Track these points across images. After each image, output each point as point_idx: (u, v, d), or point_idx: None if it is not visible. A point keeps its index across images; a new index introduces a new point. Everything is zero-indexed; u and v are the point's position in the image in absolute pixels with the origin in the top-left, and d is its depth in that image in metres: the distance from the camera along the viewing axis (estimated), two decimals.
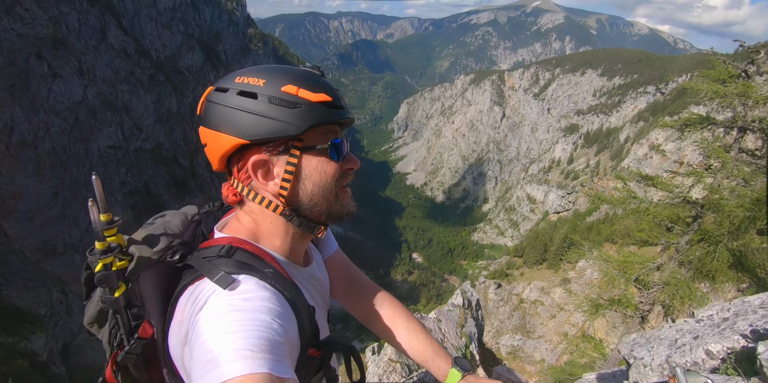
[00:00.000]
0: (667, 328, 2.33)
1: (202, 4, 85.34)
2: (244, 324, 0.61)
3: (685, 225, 7.34)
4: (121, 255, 0.79)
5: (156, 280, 0.80)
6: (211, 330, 0.61)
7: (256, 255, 0.83)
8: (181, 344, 0.71)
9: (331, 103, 0.82)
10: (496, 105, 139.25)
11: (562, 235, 39.21)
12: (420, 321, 1.17)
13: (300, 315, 0.78)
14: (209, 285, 0.71)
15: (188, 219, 0.94)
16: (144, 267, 0.79)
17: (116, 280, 0.78)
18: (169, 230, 0.87)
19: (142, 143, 50.71)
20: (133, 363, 0.80)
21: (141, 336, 0.78)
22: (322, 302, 1.00)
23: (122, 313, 0.80)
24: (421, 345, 1.10)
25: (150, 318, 0.79)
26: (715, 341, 1.84)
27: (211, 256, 0.79)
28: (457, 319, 8.32)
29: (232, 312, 0.64)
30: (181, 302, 0.75)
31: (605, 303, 8.76)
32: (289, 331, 0.69)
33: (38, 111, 35.92)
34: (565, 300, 29.13)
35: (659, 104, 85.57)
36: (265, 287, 0.73)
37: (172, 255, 0.81)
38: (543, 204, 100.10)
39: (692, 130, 6.49)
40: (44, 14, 40.18)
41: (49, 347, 14.38)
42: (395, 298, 1.21)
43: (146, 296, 0.80)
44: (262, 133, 0.80)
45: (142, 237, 0.83)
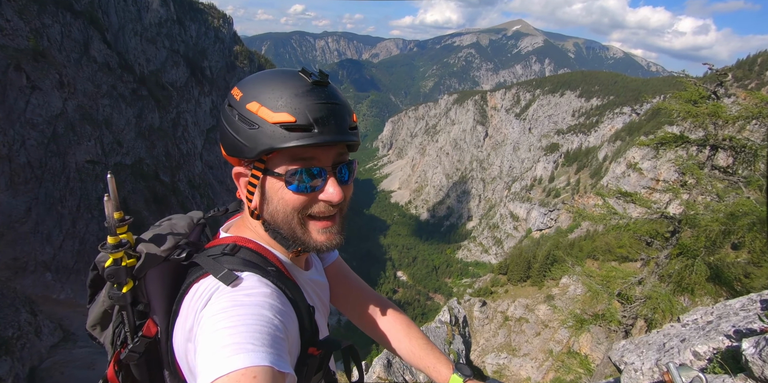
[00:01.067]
0: (655, 333, 2.40)
1: (189, 21, 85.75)
2: (247, 319, 0.63)
3: (664, 240, 7.54)
4: (130, 252, 0.81)
5: (162, 278, 0.81)
6: (215, 325, 0.62)
7: (259, 254, 0.84)
8: (185, 340, 0.72)
9: (294, 125, 0.74)
10: (479, 124, 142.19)
11: (545, 252, 39.63)
12: (420, 329, 1.18)
13: (300, 313, 0.79)
14: (213, 282, 0.73)
15: (194, 222, 0.95)
16: (151, 265, 0.81)
17: (125, 276, 0.79)
18: (176, 230, 0.89)
19: (122, 158, 49.73)
20: (136, 363, 0.80)
21: (145, 334, 0.78)
22: (321, 306, 1.01)
23: (128, 310, 0.80)
24: (422, 351, 1.10)
25: (155, 317, 0.79)
26: (702, 342, 1.91)
27: (216, 254, 0.81)
28: (445, 336, 8.26)
29: (235, 307, 0.65)
30: (186, 299, 0.76)
31: (589, 318, 8.84)
32: (289, 328, 0.70)
33: (14, 123, 35.05)
34: (550, 317, 29.20)
35: (635, 124, 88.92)
36: (267, 284, 0.75)
37: (179, 253, 0.83)
38: (526, 222, 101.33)
39: (667, 148, 6.76)
40: (25, 26, 39.82)
41: (15, 371, 13.63)
42: (396, 305, 1.22)
43: (152, 294, 0.80)
44: (229, 151, 0.81)
45: (150, 236, 0.85)
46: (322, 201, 0.81)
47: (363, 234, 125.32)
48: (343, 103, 0.82)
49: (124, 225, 0.81)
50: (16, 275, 28.41)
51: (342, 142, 0.78)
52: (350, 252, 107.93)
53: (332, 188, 0.81)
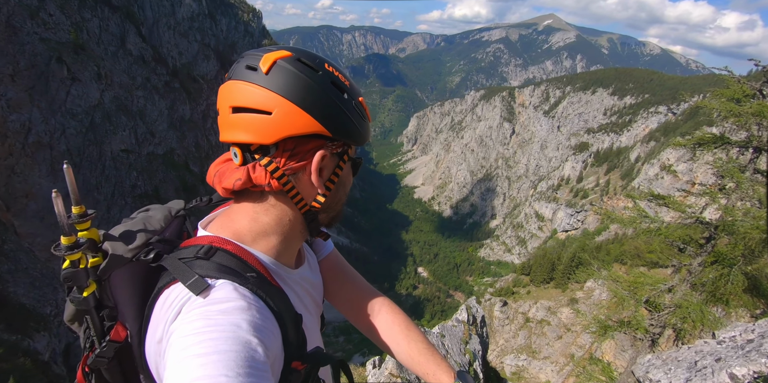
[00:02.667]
0: (686, 350, 2.22)
1: (220, 15, 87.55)
2: (220, 344, 0.56)
3: (698, 247, 7.18)
4: (93, 251, 0.73)
5: (130, 280, 0.73)
6: (185, 351, 0.56)
7: (238, 257, 0.75)
8: (156, 353, 0.66)
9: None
10: (505, 121, 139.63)
11: (570, 254, 38.70)
12: (421, 330, 1.08)
13: (284, 324, 0.71)
14: (183, 291, 0.66)
15: (171, 215, 0.87)
16: (116, 266, 0.73)
17: (85, 278, 0.72)
18: (150, 226, 0.81)
19: (155, 148, 51.49)
20: (106, 367, 0.74)
21: (113, 338, 0.72)
22: (313, 306, 0.94)
23: (92, 314, 0.73)
24: (421, 356, 0.99)
25: (124, 321, 0.73)
26: (740, 364, 1.73)
27: (188, 257, 0.72)
28: (462, 335, 8.16)
29: (207, 328, 0.58)
30: (156, 306, 0.69)
31: (614, 324, 8.54)
32: (271, 345, 0.64)
33: (56, 113, 36.79)
34: (573, 320, 28.54)
35: (671, 124, 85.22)
36: (244, 295, 0.66)
37: (146, 253, 0.74)
38: (551, 222, 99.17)
39: (705, 149, 6.39)
40: (67, 20, 41.57)
41: (51, 346, 14.40)
42: (394, 304, 1.11)
43: (119, 297, 0.73)
44: (343, 132, 0.77)
45: (120, 232, 0.77)
46: None
47: (385, 229, 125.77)
48: None
49: (85, 221, 0.73)
50: (54, 256, 29.77)
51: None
52: (372, 246, 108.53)
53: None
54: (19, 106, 33.57)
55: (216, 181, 0.79)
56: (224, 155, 0.84)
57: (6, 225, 24.62)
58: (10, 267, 17.52)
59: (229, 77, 0.76)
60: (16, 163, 32.01)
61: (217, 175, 0.79)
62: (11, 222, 26.77)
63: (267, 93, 0.71)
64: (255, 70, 0.73)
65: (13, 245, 19.62)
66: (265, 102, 0.71)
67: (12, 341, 13.02)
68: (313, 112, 0.72)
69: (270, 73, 0.72)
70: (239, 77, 0.74)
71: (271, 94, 0.71)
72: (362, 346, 44.51)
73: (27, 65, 35.07)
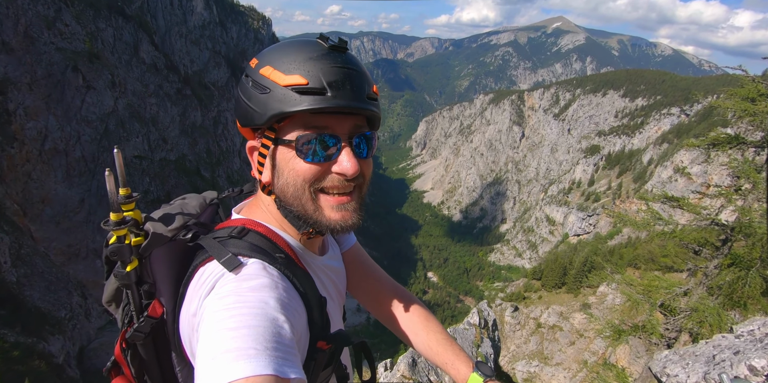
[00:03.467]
0: (703, 344, 2.19)
1: (230, 23, 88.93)
2: (250, 319, 0.58)
3: (714, 249, 7.04)
4: (136, 230, 0.78)
5: (169, 259, 0.78)
6: (216, 325, 0.59)
7: (268, 239, 0.79)
8: (189, 326, 0.70)
9: (306, 88, 0.70)
10: (515, 124, 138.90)
11: (582, 258, 38.12)
12: (439, 322, 1.10)
13: (309, 305, 0.75)
14: (218, 268, 0.70)
15: (206, 202, 0.92)
16: (157, 244, 0.78)
17: (129, 254, 0.77)
18: (186, 210, 0.86)
19: (167, 154, 52.26)
20: (142, 343, 0.78)
21: (150, 314, 0.76)
22: (336, 294, 0.96)
23: (133, 289, 0.78)
24: (440, 347, 1.02)
25: (161, 298, 0.77)
26: (759, 356, 1.70)
27: (223, 237, 0.76)
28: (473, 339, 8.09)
29: (238, 304, 0.61)
30: (192, 283, 0.73)
31: (628, 329, 8.39)
32: (297, 323, 0.67)
33: (71, 120, 37.60)
34: (585, 326, 28.10)
35: (684, 126, 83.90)
36: (272, 274, 0.70)
37: (185, 233, 0.80)
38: (563, 226, 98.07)
39: (720, 149, 6.28)
40: (82, 30, 42.59)
41: (66, 349, 14.60)
42: (414, 296, 1.15)
43: (158, 274, 0.77)
44: (241, 120, 0.78)
45: (159, 215, 0.82)
46: (336, 173, 0.75)
47: (395, 234, 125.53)
48: (361, 71, 0.76)
49: (130, 202, 0.79)
50: (69, 260, 30.45)
51: (358, 109, 0.73)
52: (381, 251, 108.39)
53: (347, 159, 0.74)
54: (36, 113, 34.39)
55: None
56: None
57: (23, 230, 25.13)
58: (26, 271, 17.86)
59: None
60: (33, 169, 32.73)
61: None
62: (28, 227, 27.32)
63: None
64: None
65: (29, 249, 20.00)
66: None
67: (27, 344, 13.23)
68: (236, 116, 0.80)
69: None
70: None
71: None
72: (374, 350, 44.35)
73: (44, 74, 35.97)
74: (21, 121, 32.96)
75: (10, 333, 12.75)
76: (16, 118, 32.50)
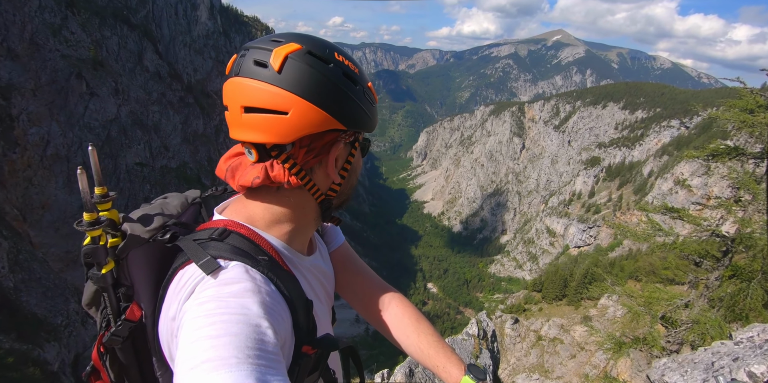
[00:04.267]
0: (702, 351, 2.16)
1: (234, 33, 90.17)
2: (231, 327, 0.56)
3: (715, 261, 7.00)
4: (113, 231, 0.76)
5: (147, 261, 0.75)
6: (196, 332, 0.56)
7: (251, 241, 0.77)
8: (169, 333, 0.68)
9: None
10: (515, 136, 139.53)
11: (583, 270, 37.89)
12: (431, 324, 1.06)
13: (295, 308, 0.72)
14: (197, 271, 0.67)
15: (188, 202, 0.91)
16: (134, 245, 0.75)
17: (104, 256, 0.74)
18: (167, 210, 0.84)
19: (168, 161, 52.40)
20: (120, 347, 0.76)
21: (128, 318, 0.74)
22: (324, 295, 0.95)
23: (109, 292, 0.75)
24: (431, 349, 0.97)
25: (139, 301, 0.75)
26: (759, 362, 1.67)
27: (203, 239, 0.74)
28: (472, 349, 7.99)
29: (219, 310, 0.59)
30: (171, 286, 0.71)
31: (629, 341, 8.30)
32: (281, 328, 0.64)
33: (74, 126, 37.80)
34: (586, 339, 27.81)
35: (684, 138, 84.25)
36: (255, 277, 0.67)
37: (163, 234, 0.77)
38: (563, 238, 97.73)
39: (719, 161, 6.30)
40: (87, 37, 43.13)
41: (61, 357, 14.43)
42: (405, 297, 1.11)
43: (135, 276, 0.75)
44: (356, 123, 0.78)
45: (138, 215, 0.80)
46: None
47: (394, 244, 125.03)
48: None
49: (107, 202, 0.76)
50: (67, 267, 30.27)
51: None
52: (381, 261, 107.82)
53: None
54: (39, 119, 34.58)
55: (229, 176, 0.80)
56: (234, 148, 0.83)
57: (21, 235, 25.05)
58: (23, 277, 17.75)
59: (236, 73, 0.73)
60: (34, 175, 32.77)
61: (230, 170, 0.80)
62: (27, 232, 27.25)
63: (282, 92, 0.70)
64: (265, 66, 0.71)
65: (28, 255, 19.91)
66: (280, 102, 0.70)
67: (22, 350, 13.09)
68: (328, 108, 0.72)
69: (282, 70, 0.70)
70: (249, 74, 0.71)
71: (287, 94, 0.70)
72: (371, 361, 43.79)
73: (48, 80, 36.29)
74: (24, 127, 33.12)
75: (5, 339, 12.64)
76: (19, 124, 32.67)
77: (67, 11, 41.86)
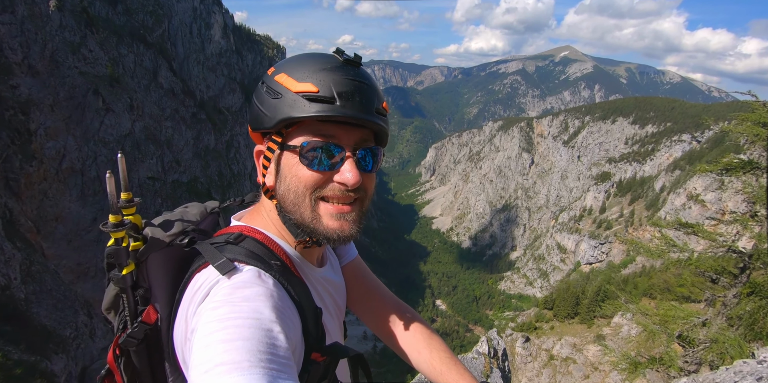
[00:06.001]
0: (724, 371, 2.07)
1: (246, 51, 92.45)
2: (244, 331, 0.58)
3: (732, 277, 6.82)
4: (135, 234, 0.80)
5: (165, 264, 0.78)
6: (210, 336, 0.58)
7: (265, 246, 0.79)
8: (183, 337, 0.69)
9: (316, 96, 0.72)
10: (524, 151, 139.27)
11: (595, 288, 37.08)
12: (443, 340, 1.05)
13: (305, 315, 0.73)
14: (213, 274, 0.69)
15: (207, 211, 0.94)
16: (155, 248, 0.78)
17: (126, 257, 0.77)
18: (186, 217, 0.88)
19: (180, 176, 53.15)
20: (135, 349, 0.77)
21: (144, 320, 0.75)
22: (334, 308, 0.94)
23: (128, 293, 0.78)
24: (443, 365, 0.97)
25: (156, 303, 0.77)
26: None
27: (219, 243, 0.77)
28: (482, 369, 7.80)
29: (232, 315, 0.60)
30: (188, 289, 0.73)
31: (645, 361, 8.06)
32: (292, 334, 0.65)
33: (89, 141, 38.69)
34: (600, 358, 27.02)
35: (696, 153, 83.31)
36: (267, 282, 0.69)
37: (182, 239, 0.80)
38: (574, 254, 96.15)
39: (733, 175, 6.20)
40: (105, 55, 44.58)
41: (68, 369, 14.40)
42: (417, 313, 1.10)
43: (154, 279, 0.77)
44: (253, 124, 0.80)
45: (160, 221, 0.84)
46: (337, 183, 0.76)
47: (403, 260, 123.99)
48: (372, 85, 0.78)
49: (131, 207, 0.80)
50: (78, 279, 30.51)
51: (365, 121, 0.74)
52: (389, 277, 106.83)
53: (349, 170, 0.75)
54: (56, 134, 35.48)
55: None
56: None
57: (35, 247, 25.37)
58: (35, 288, 17.91)
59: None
60: (49, 188, 33.41)
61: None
62: (40, 244, 27.60)
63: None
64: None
65: (40, 267, 20.13)
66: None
67: (31, 362, 13.10)
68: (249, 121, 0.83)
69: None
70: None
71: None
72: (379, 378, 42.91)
73: (66, 96, 37.39)
74: (41, 141, 33.97)
75: (14, 350, 12.66)
76: (37, 138, 33.53)
77: (87, 30, 43.42)
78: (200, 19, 76.78)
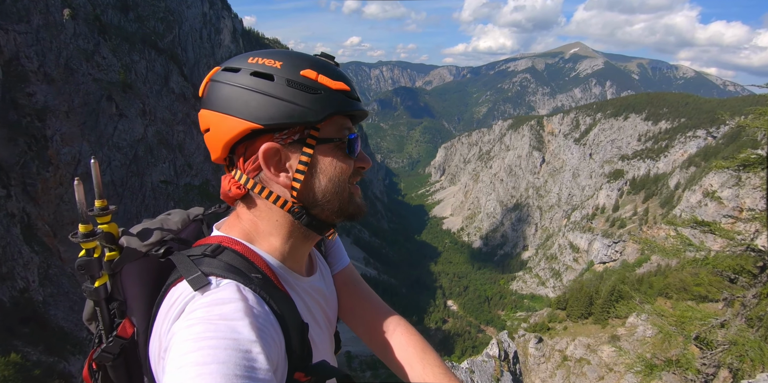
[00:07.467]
0: None
1: None
2: (219, 353, 0.54)
3: (751, 277, 6.63)
4: (111, 245, 0.75)
5: (141, 276, 0.74)
6: (184, 358, 0.54)
7: (245, 258, 0.74)
8: (157, 354, 0.65)
9: (350, 93, 0.77)
10: (535, 150, 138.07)
11: (609, 287, 36.58)
12: (438, 354, 0.99)
13: (288, 331, 0.68)
14: (188, 289, 0.65)
15: (189, 218, 0.90)
16: (129, 259, 0.74)
17: (98, 268, 0.73)
18: (167, 226, 0.83)
19: (191, 179, 53.85)
20: (112, 364, 0.74)
21: (120, 334, 0.72)
22: (324, 319, 0.90)
23: (102, 306, 0.74)
24: (437, 381, 0.91)
25: (132, 317, 0.73)
26: None
27: (196, 255, 0.72)
28: (492, 372, 7.69)
29: (208, 334, 0.56)
30: (164, 303, 0.69)
31: (661, 363, 7.87)
32: (272, 353, 0.61)
33: (103, 146, 39.45)
34: (614, 359, 26.58)
35: (711, 148, 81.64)
36: (246, 297, 0.65)
37: (158, 249, 0.76)
38: (587, 254, 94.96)
39: (751, 171, 6.03)
40: (118, 62, 45.43)
41: None
42: (410, 325, 1.04)
43: (129, 292, 0.74)
44: (277, 117, 0.72)
45: (138, 230, 0.79)
46: (359, 167, 0.83)
47: (413, 261, 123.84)
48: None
49: (106, 215, 0.76)
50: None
51: (367, 112, 0.85)
52: (400, 278, 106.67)
53: (364, 155, 0.84)
54: (71, 140, 36.21)
55: (222, 193, 0.83)
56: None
57: (52, 250, 25.90)
58: (52, 291, 18.28)
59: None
60: (65, 193, 34.06)
61: (222, 188, 0.84)
62: (57, 248, 28.14)
63: (204, 113, 0.77)
64: (202, 96, 0.79)
65: (57, 270, 20.54)
66: (204, 121, 0.77)
67: (49, 363, 13.38)
68: (236, 111, 0.72)
69: (205, 94, 0.78)
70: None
71: (206, 112, 0.76)
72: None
73: (80, 103, 38.16)
74: (57, 147, 34.72)
75: (33, 351, 12.93)
76: (53, 144, 34.28)
77: (100, 37, 44.28)
78: (210, 24, 77.80)
